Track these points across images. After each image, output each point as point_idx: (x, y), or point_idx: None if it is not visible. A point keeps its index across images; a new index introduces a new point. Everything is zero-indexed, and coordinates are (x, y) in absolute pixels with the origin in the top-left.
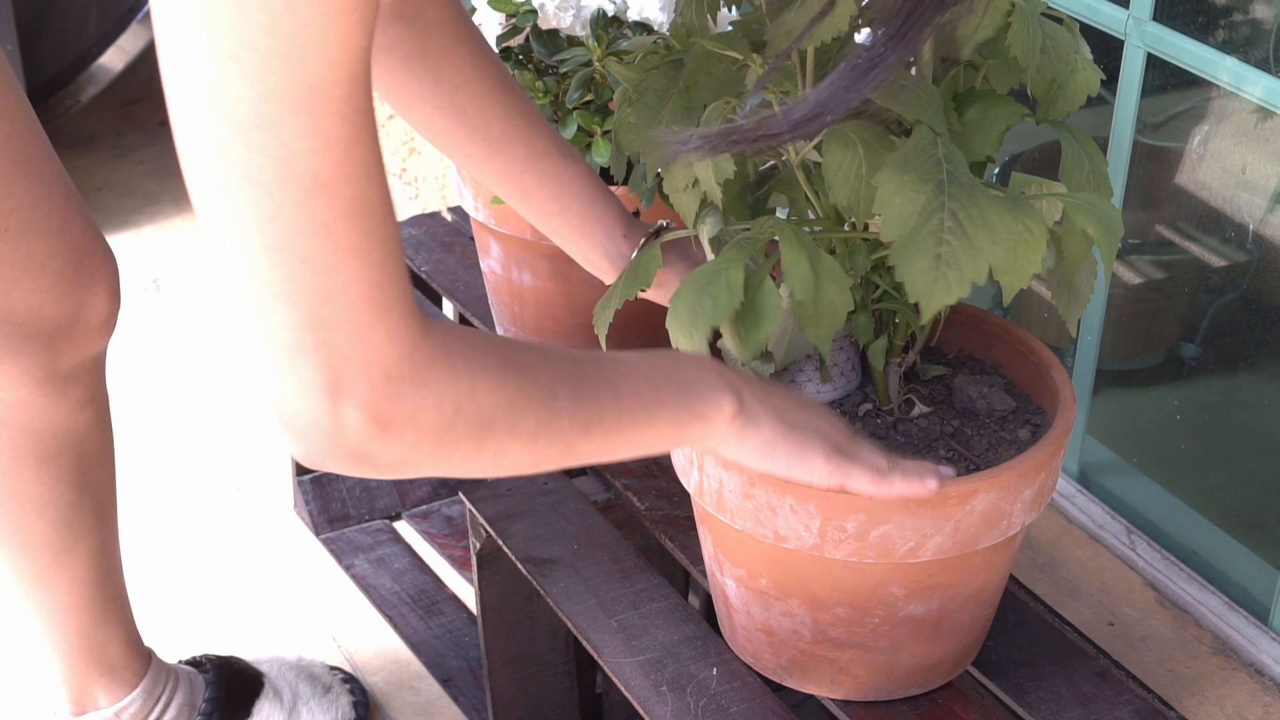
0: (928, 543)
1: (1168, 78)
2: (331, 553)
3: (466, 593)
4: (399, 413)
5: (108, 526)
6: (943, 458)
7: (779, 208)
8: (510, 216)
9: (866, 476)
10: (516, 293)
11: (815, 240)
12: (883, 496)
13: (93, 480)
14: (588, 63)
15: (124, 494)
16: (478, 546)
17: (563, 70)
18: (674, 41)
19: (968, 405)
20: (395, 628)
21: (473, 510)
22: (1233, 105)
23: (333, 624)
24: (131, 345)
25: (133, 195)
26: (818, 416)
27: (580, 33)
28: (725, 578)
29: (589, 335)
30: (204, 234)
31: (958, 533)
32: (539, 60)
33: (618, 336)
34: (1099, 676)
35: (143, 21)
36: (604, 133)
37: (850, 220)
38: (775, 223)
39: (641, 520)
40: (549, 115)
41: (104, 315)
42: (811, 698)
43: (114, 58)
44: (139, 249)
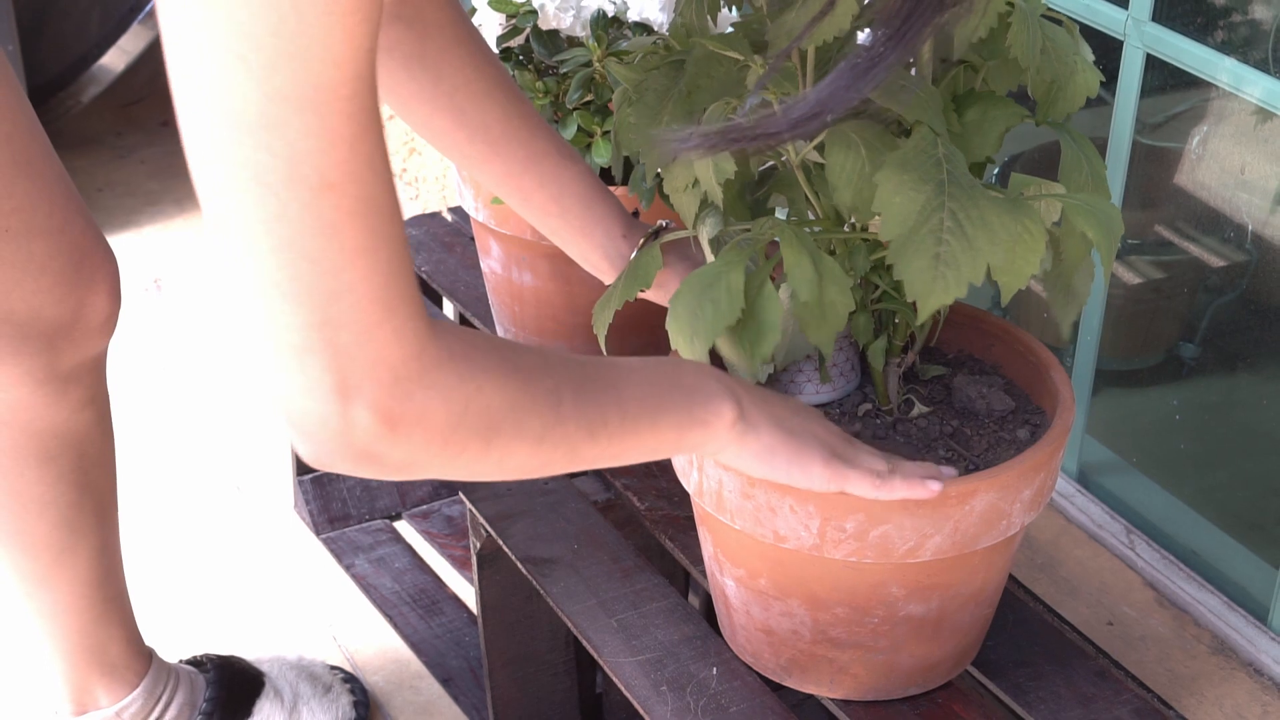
0: (927, 543)
1: (1167, 78)
2: (332, 552)
3: (467, 592)
4: (407, 413)
5: (109, 526)
6: (942, 458)
7: (778, 208)
8: (510, 217)
9: (865, 480)
10: (517, 293)
11: (815, 241)
12: (883, 500)
13: (94, 480)
14: (588, 63)
15: (125, 494)
16: (478, 546)
17: (563, 71)
18: (674, 42)
19: (967, 405)
20: (395, 627)
21: (473, 510)
22: (1232, 106)
23: (333, 623)
24: (133, 345)
25: (134, 195)
26: (815, 423)
27: (580, 33)
28: (725, 578)
29: (589, 335)
30: (211, 233)
31: (957, 533)
32: (539, 61)
33: (617, 337)
34: (1098, 676)
35: (144, 22)
36: (604, 133)
37: (850, 220)
38: (775, 223)
39: (641, 520)
40: (549, 116)
41: (105, 315)
42: (811, 697)
43: (115, 58)
44: (140, 249)
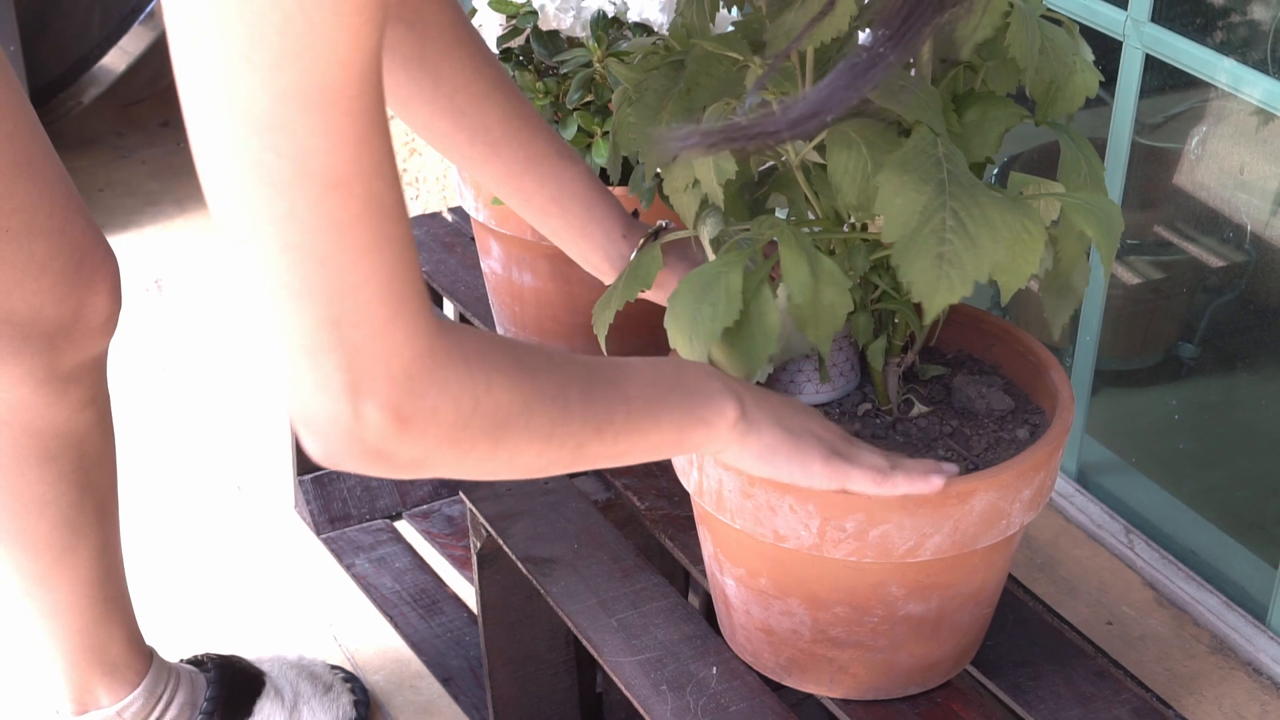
0: (927, 542)
1: (1166, 79)
2: (332, 552)
3: (467, 592)
4: (418, 410)
5: (109, 526)
6: (942, 457)
7: (778, 208)
8: (510, 217)
9: (867, 477)
10: (517, 293)
11: (815, 241)
12: (885, 496)
13: (94, 480)
14: (588, 64)
15: (125, 494)
16: (478, 546)
17: (563, 71)
18: (674, 42)
19: (967, 405)
20: (396, 627)
21: (473, 510)
22: (1231, 106)
23: (334, 623)
24: (133, 346)
25: (134, 196)
26: (815, 422)
27: (580, 34)
28: (725, 577)
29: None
30: (218, 233)
31: (957, 532)
32: (539, 61)
33: (617, 337)
34: (1097, 675)
35: (145, 23)
36: (604, 133)
37: (850, 220)
38: (775, 223)
39: (641, 520)
40: (549, 116)
41: (105, 315)
42: (811, 697)
43: (116, 59)
44: (141, 249)
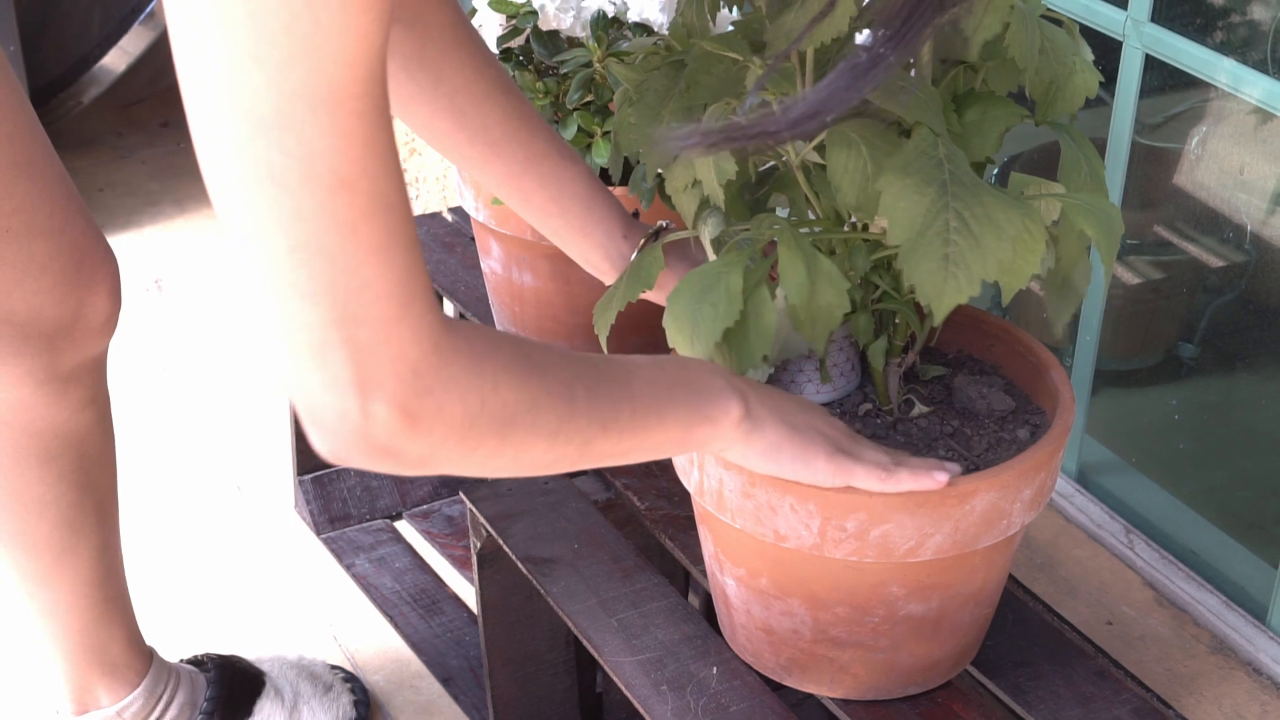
0: (927, 542)
1: (1166, 79)
2: (332, 552)
3: (467, 592)
4: (426, 407)
5: (109, 526)
6: (942, 458)
7: (778, 208)
8: (510, 217)
9: (871, 474)
10: (517, 293)
11: (815, 241)
12: (890, 492)
13: (94, 480)
14: (588, 64)
15: (125, 494)
16: (478, 546)
17: (563, 71)
18: (674, 42)
19: (967, 405)
20: (396, 627)
21: (473, 510)
22: (1230, 106)
23: (334, 623)
24: (133, 346)
25: (134, 196)
26: (820, 419)
27: (580, 34)
28: (725, 577)
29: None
30: (223, 233)
31: (957, 532)
32: (539, 61)
33: (616, 336)
34: (1098, 675)
35: (145, 23)
36: (604, 133)
37: (850, 220)
38: (775, 223)
39: (642, 520)
40: (549, 116)
41: (105, 316)
42: (811, 697)
43: (116, 59)
44: (141, 249)
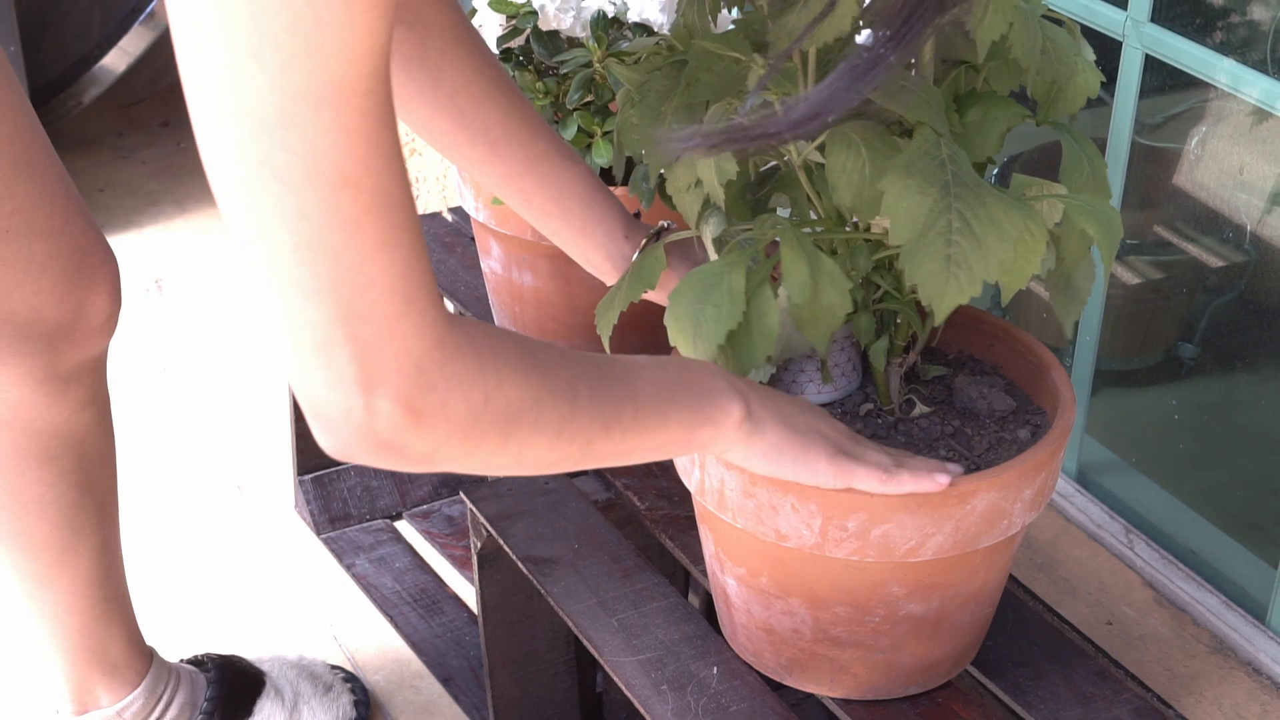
0: (928, 542)
1: (1165, 79)
2: (332, 552)
3: (467, 592)
4: (430, 403)
5: (109, 526)
6: (943, 458)
7: (780, 208)
8: (510, 217)
9: (872, 476)
10: (517, 293)
11: (817, 241)
12: (891, 494)
13: (94, 480)
14: (588, 64)
15: (126, 494)
16: (478, 546)
17: (563, 71)
18: (676, 42)
19: (968, 405)
20: (396, 627)
21: (474, 510)
22: (1230, 106)
23: (334, 623)
24: (133, 345)
25: (135, 196)
26: (821, 421)
27: (580, 34)
28: (726, 576)
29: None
30: (227, 232)
31: (958, 532)
32: (539, 61)
33: (617, 336)
34: (1097, 675)
35: (145, 23)
36: (604, 134)
37: (852, 220)
38: (777, 222)
39: (642, 520)
40: (549, 116)
41: (105, 316)
42: (811, 696)
43: (116, 59)
44: (141, 249)
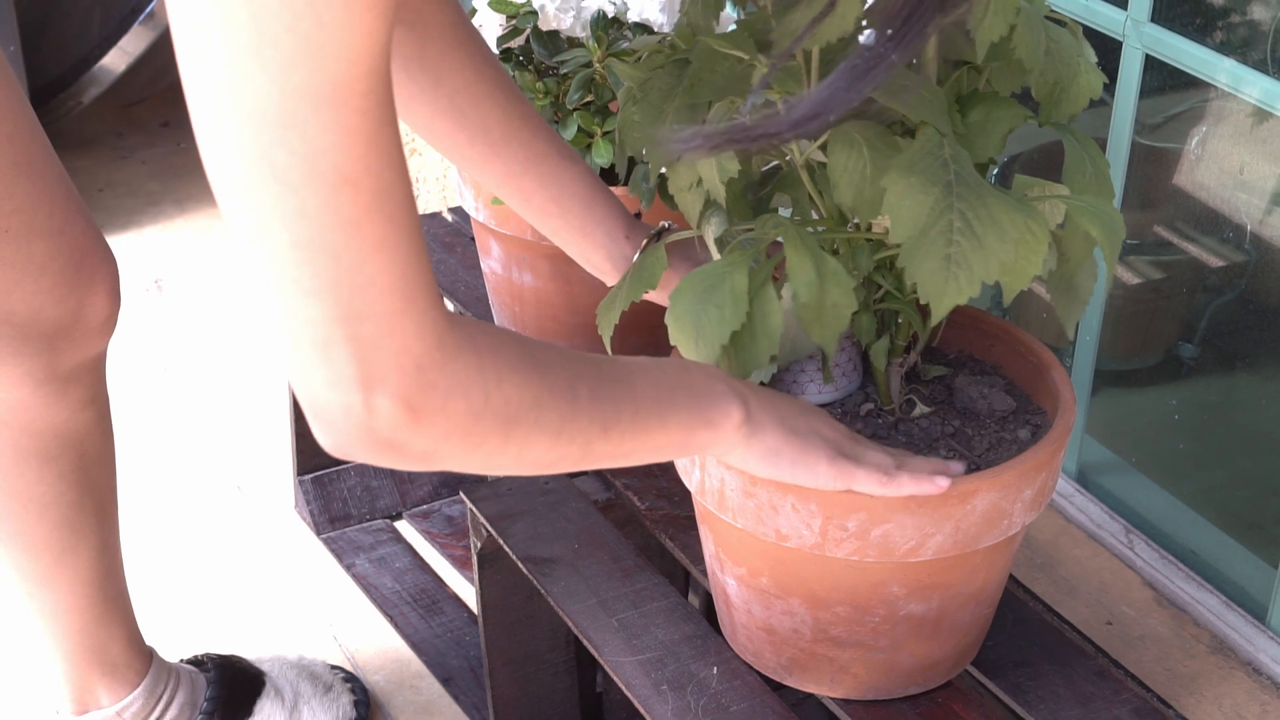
0: (928, 542)
1: (1166, 79)
2: (332, 552)
3: (467, 592)
4: (430, 402)
5: (109, 526)
6: (944, 458)
7: (781, 207)
8: (511, 217)
9: (872, 478)
10: (517, 293)
11: (819, 240)
12: (891, 497)
13: (94, 480)
14: (588, 64)
15: (126, 494)
16: (478, 546)
17: (563, 71)
18: (679, 41)
19: (968, 405)
20: (396, 627)
21: (474, 510)
22: (1230, 106)
23: (334, 623)
24: (134, 346)
25: (135, 196)
26: (821, 422)
27: (580, 34)
28: (726, 576)
29: (590, 335)
30: (229, 233)
31: (958, 532)
32: (539, 61)
33: (617, 336)
34: (1097, 675)
35: (145, 23)
36: (604, 134)
37: (854, 220)
38: (779, 222)
39: (642, 520)
40: (549, 116)
41: (104, 316)
42: (811, 696)
43: (116, 59)
44: (141, 249)
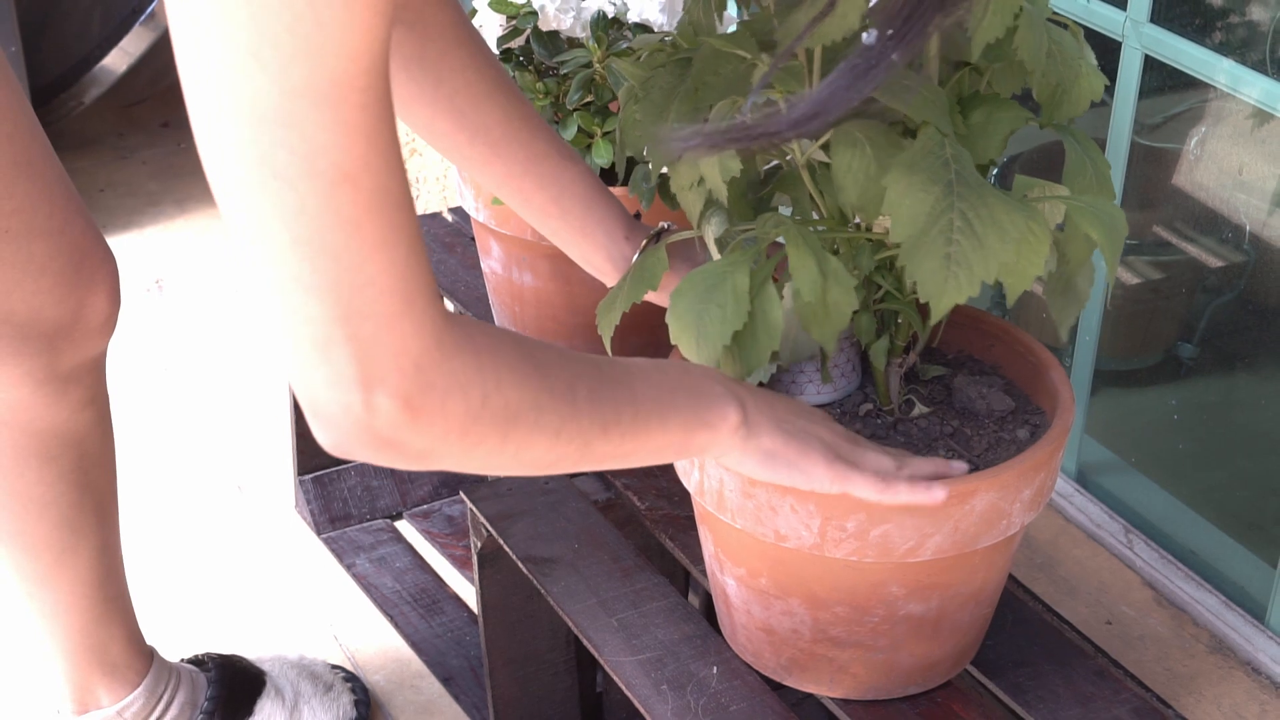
0: (927, 542)
1: (1165, 79)
2: (333, 552)
3: (467, 592)
4: (429, 401)
5: (109, 526)
6: (943, 458)
7: (781, 207)
8: (510, 217)
9: (869, 484)
10: (517, 293)
11: (819, 240)
12: (886, 504)
13: (94, 480)
14: (588, 64)
15: (126, 494)
16: (479, 546)
17: (563, 72)
18: (681, 40)
19: (967, 405)
20: (396, 627)
21: (474, 509)
22: (1230, 107)
23: (334, 623)
24: (133, 345)
25: (135, 196)
26: (819, 424)
27: (580, 34)
28: (725, 577)
29: (590, 335)
30: (229, 232)
31: (957, 532)
32: (539, 62)
33: (617, 336)
34: (1097, 675)
35: (145, 23)
36: (604, 134)
37: (855, 220)
38: (780, 221)
39: (642, 520)
40: (549, 116)
41: (104, 316)
42: (811, 696)
43: (117, 59)
44: (142, 250)
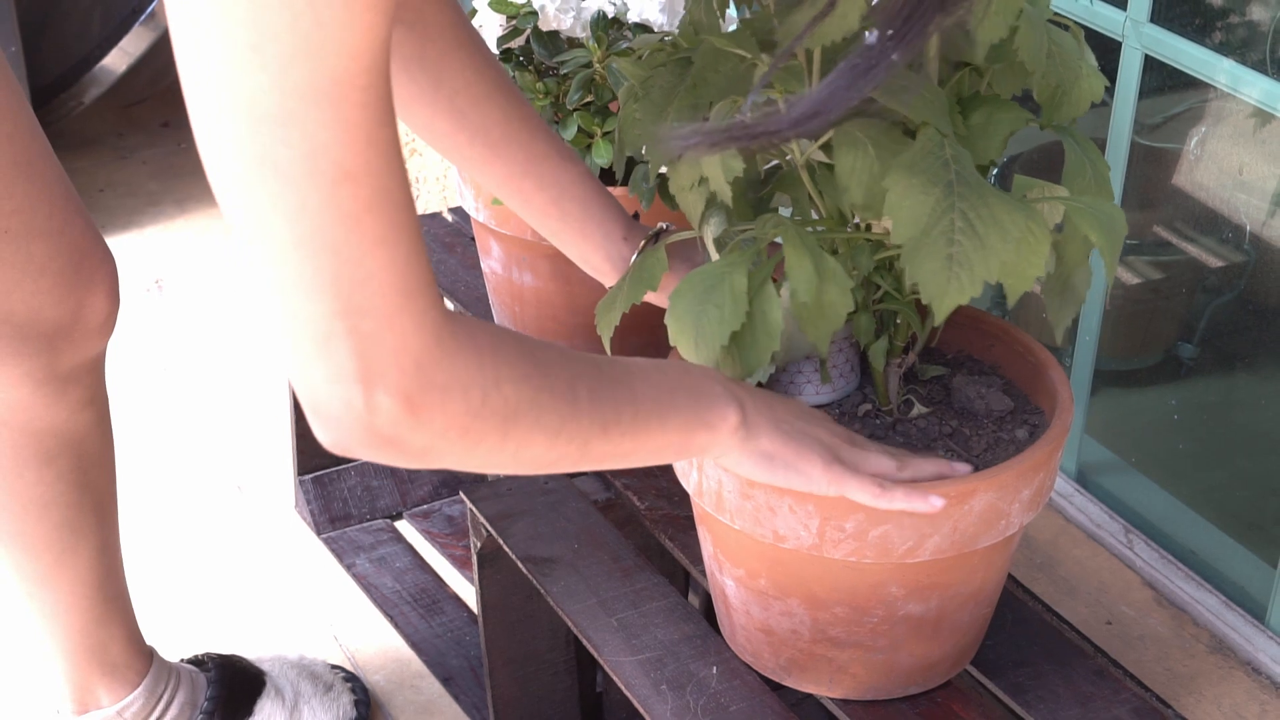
0: (926, 542)
1: (1165, 79)
2: (333, 552)
3: (467, 592)
4: (429, 398)
5: (109, 526)
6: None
7: (781, 207)
8: (510, 217)
9: (866, 488)
10: (517, 293)
11: (818, 241)
12: (883, 509)
13: (93, 480)
14: (588, 64)
15: (126, 494)
16: (478, 546)
17: (563, 72)
18: (681, 39)
19: (966, 405)
20: (396, 627)
21: (473, 510)
22: (1230, 107)
23: (334, 623)
24: (133, 345)
25: (135, 196)
26: (818, 426)
27: (580, 34)
28: (724, 577)
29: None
30: (229, 230)
31: (956, 532)
32: (539, 62)
33: (617, 336)
34: (1097, 675)
35: (145, 23)
36: (604, 134)
37: (854, 220)
38: (779, 221)
39: (641, 520)
40: (549, 117)
41: (104, 316)
42: (810, 696)
43: (116, 60)
44: (141, 250)
